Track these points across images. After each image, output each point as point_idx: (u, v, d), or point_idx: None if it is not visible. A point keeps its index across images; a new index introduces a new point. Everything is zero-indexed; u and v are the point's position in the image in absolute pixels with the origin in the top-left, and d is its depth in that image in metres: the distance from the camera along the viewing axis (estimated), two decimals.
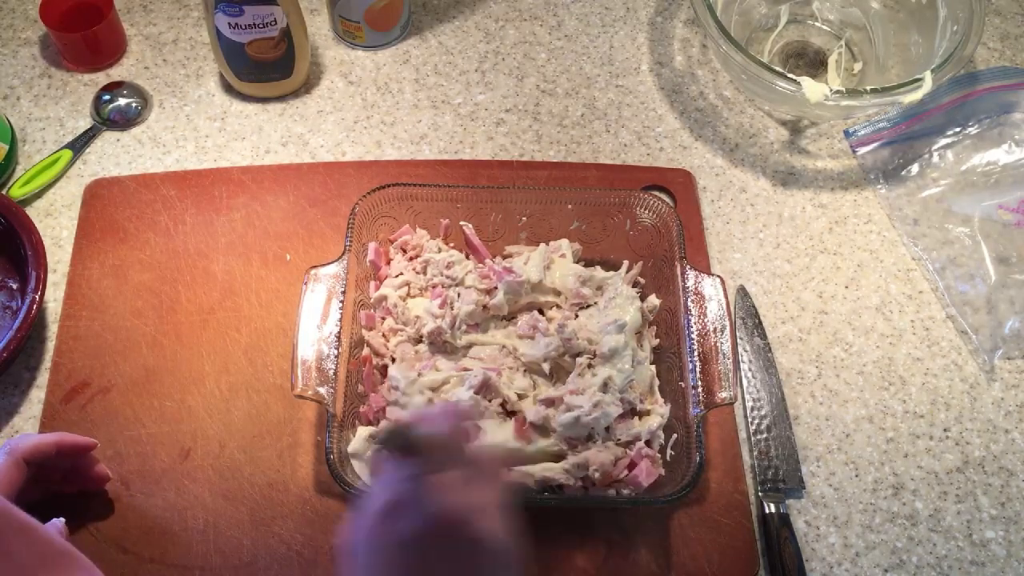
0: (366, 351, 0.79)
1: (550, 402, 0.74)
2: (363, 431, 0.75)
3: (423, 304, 0.80)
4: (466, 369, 0.76)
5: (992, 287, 0.89)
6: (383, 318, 0.81)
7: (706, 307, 0.77)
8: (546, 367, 0.76)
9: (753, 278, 0.90)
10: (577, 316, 0.80)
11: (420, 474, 0.51)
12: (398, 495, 0.51)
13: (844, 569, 0.77)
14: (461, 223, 0.84)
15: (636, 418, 0.76)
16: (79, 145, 0.95)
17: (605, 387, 0.74)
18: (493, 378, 0.75)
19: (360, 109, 0.99)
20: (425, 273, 0.82)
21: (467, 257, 0.84)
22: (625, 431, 0.74)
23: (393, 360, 0.78)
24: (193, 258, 0.88)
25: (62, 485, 0.74)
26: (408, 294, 0.81)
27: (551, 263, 0.82)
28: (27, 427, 0.80)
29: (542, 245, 0.83)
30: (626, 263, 0.84)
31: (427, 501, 0.51)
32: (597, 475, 0.72)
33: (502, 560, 0.53)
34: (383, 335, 0.80)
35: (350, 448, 0.73)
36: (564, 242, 0.84)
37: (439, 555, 0.50)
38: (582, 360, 0.76)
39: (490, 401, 0.75)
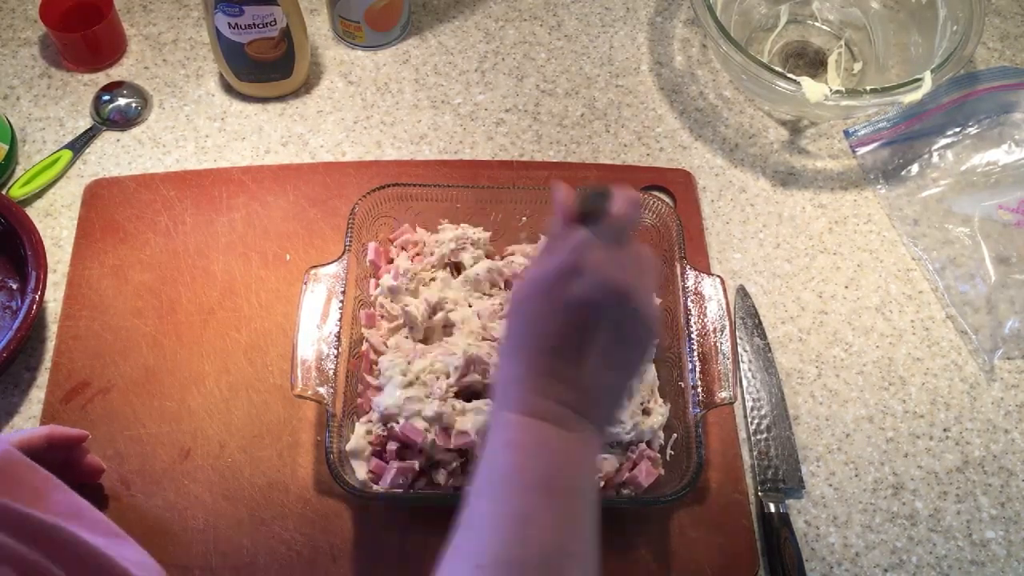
0: (365, 347, 0.79)
1: None
2: (360, 428, 0.75)
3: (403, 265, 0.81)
4: (451, 354, 0.77)
5: (992, 287, 0.89)
6: (382, 316, 0.81)
7: (706, 307, 0.77)
8: None
9: (753, 278, 0.90)
10: None
11: (599, 244, 0.55)
12: (576, 261, 0.54)
13: (844, 569, 0.77)
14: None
15: (642, 417, 0.76)
16: (79, 145, 0.95)
17: (629, 395, 0.74)
18: (476, 353, 0.74)
19: (360, 109, 0.99)
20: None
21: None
22: (633, 432, 0.74)
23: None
24: (193, 258, 0.88)
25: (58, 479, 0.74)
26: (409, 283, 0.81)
27: None
28: (27, 427, 0.80)
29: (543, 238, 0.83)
30: None
31: (603, 269, 0.54)
32: (601, 483, 0.72)
33: (650, 338, 0.58)
34: (383, 334, 0.80)
35: (349, 447, 0.73)
36: None
37: (602, 320, 0.54)
38: None
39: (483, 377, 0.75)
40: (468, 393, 0.76)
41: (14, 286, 0.85)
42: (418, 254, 0.83)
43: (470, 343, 0.78)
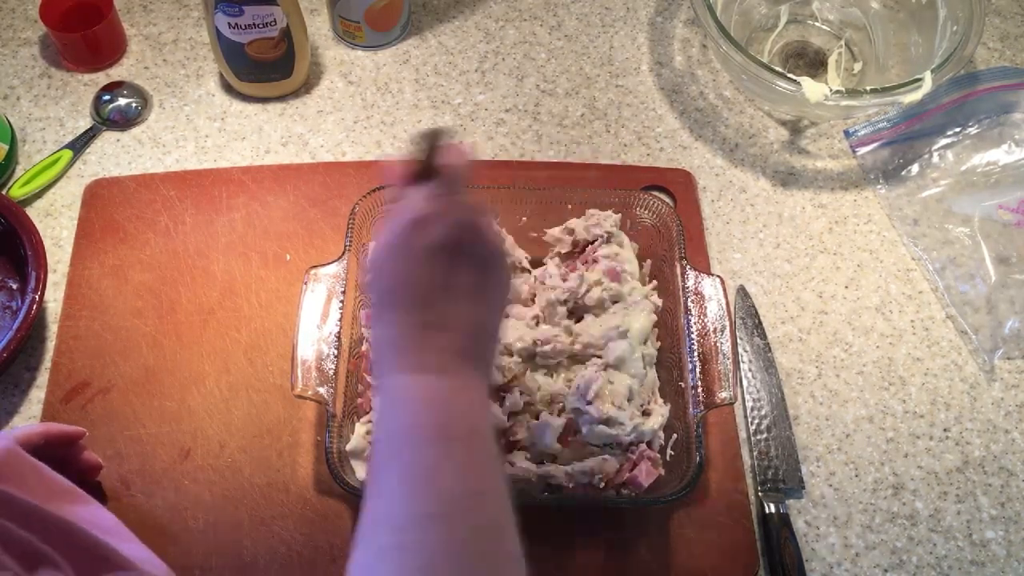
0: (365, 347, 0.79)
1: (606, 420, 0.73)
2: (360, 428, 0.75)
3: None
4: None
5: (992, 287, 0.89)
6: None
7: (706, 307, 0.77)
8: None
9: (753, 278, 0.90)
10: (582, 319, 0.80)
11: (442, 194, 0.57)
12: (425, 210, 0.56)
13: (844, 569, 0.77)
14: None
15: (642, 418, 0.76)
16: (79, 145, 0.95)
17: (630, 397, 0.74)
18: None
19: (360, 109, 0.99)
20: None
21: None
22: (634, 433, 0.74)
23: None
24: (193, 258, 0.88)
25: None
26: None
27: None
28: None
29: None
30: (647, 263, 0.84)
31: (452, 210, 0.56)
32: (601, 484, 0.72)
33: (506, 268, 0.60)
34: None
35: (349, 447, 0.73)
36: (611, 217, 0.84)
37: (459, 262, 0.56)
38: (594, 365, 0.76)
39: None
40: None
41: (14, 286, 0.85)
42: None
43: None
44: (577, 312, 0.80)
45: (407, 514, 0.50)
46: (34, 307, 0.80)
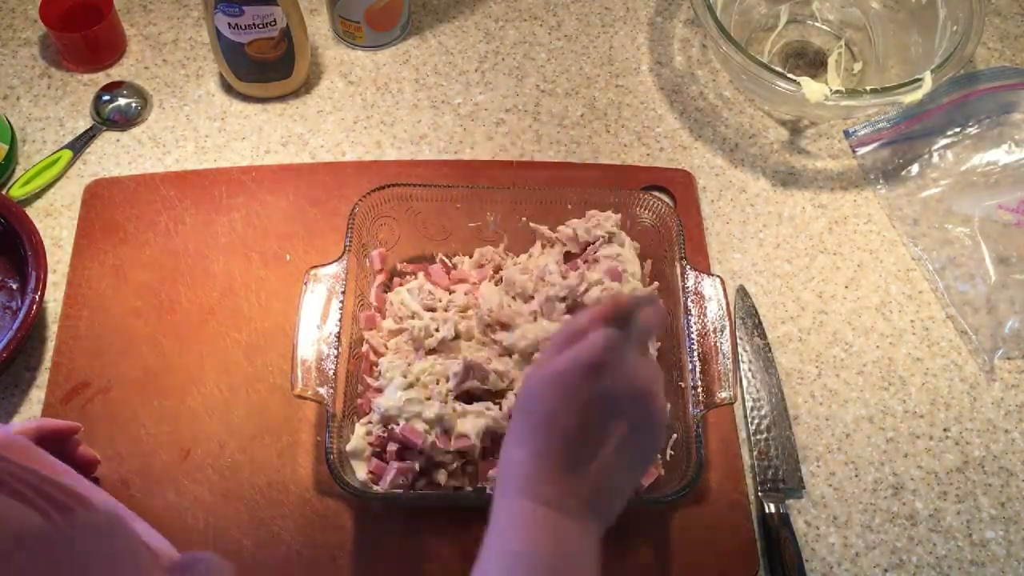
0: (365, 347, 0.79)
1: None
2: (360, 428, 0.75)
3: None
4: (451, 358, 0.77)
5: (992, 287, 0.89)
6: (380, 314, 0.81)
7: (706, 307, 0.77)
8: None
9: (753, 278, 0.90)
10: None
11: (624, 347, 0.56)
12: (607, 357, 0.55)
13: (844, 569, 0.77)
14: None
15: None
16: (79, 145, 0.95)
17: None
18: (475, 360, 0.74)
19: (360, 109, 0.99)
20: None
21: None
22: None
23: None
24: (193, 258, 0.88)
25: None
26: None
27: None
28: None
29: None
30: (648, 263, 0.84)
31: (629, 368, 0.56)
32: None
33: (660, 442, 0.61)
34: (384, 335, 0.80)
35: (349, 447, 0.73)
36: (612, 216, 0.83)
37: (618, 417, 0.56)
38: None
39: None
40: (467, 397, 0.76)
41: (14, 286, 0.85)
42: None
43: (469, 345, 0.78)
44: (575, 311, 0.80)
45: None
46: (34, 307, 0.80)
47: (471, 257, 0.85)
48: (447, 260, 0.86)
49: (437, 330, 0.78)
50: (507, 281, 0.81)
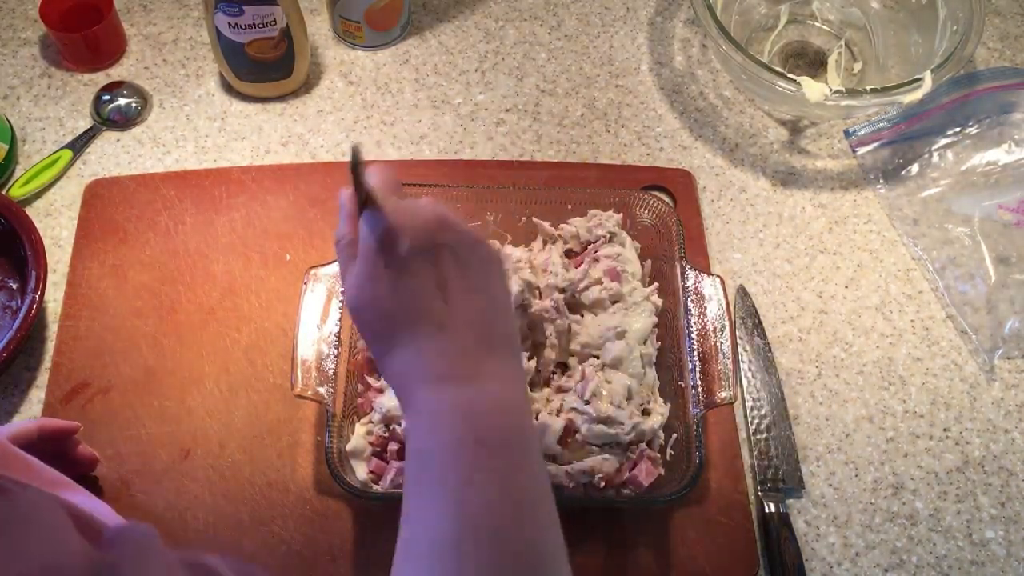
0: (363, 343, 0.79)
1: (605, 420, 0.73)
2: (360, 428, 0.75)
3: None
4: None
5: (992, 287, 0.89)
6: None
7: (706, 307, 0.77)
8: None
9: (753, 278, 0.90)
10: (583, 315, 0.80)
11: (388, 208, 0.55)
12: (384, 227, 0.54)
13: (844, 569, 0.77)
14: None
15: (643, 417, 0.76)
16: (79, 145, 0.95)
17: (628, 396, 0.74)
18: None
19: (360, 109, 0.99)
20: None
21: None
22: (634, 433, 0.74)
23: None
24: (193, 258, 0.88)
25: None
26: None
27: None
28: None
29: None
30: (648, 263, 0.84)
31: (406, 219, 0.54)
32: (602, 483, 0.72)
33: (487, 249, 0.57)
34: None
35: (349, 446, 0.73)
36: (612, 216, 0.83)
37: (438, 259, 0.54)
38: (591, 365, 0.76)
39: None
40: None
41: (14, 286, 0.85)
42: None
43: None
44: (574, 308, 0.80)
45: (435, 540, 0.48)
46: (34, 307, 0.80)
47: None
48: None
49: None
50: (504, 256, 0.81)
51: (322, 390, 0.73)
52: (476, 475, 0.50)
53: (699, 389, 0.74)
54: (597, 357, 0.76)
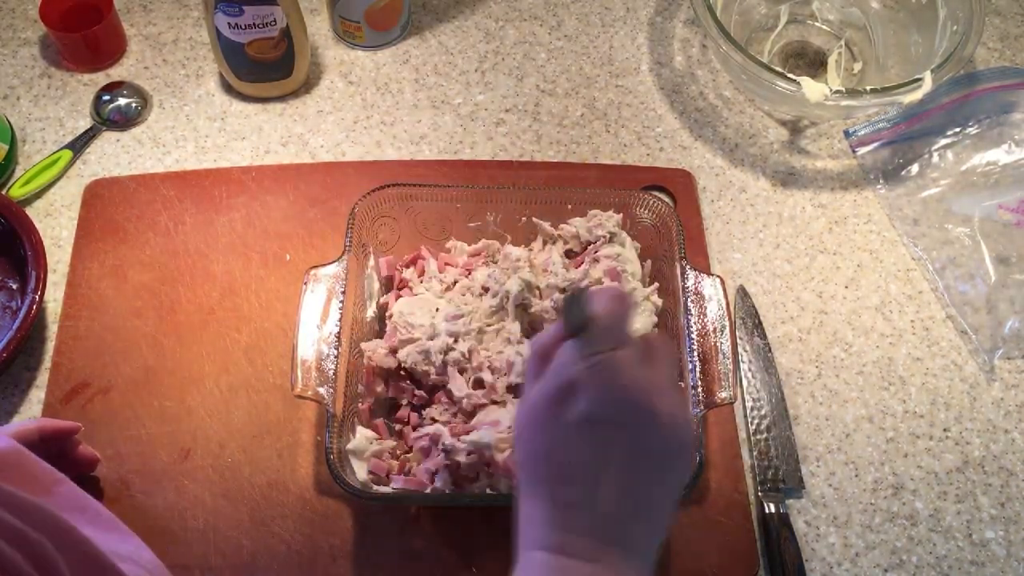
0: (366, 360, 0.79)
1: None
2: (363, 431, 0.75)
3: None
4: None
5: (992, 287, 0.89)
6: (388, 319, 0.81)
7: (706, 307, 0.77)
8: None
9: (753, 278, 0.90)
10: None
11: (593, 353, 0.50)
12: (571, 376, 0.50)
13: (844, 569, 0.77)
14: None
15: None
16: (79, 145, 0.95)
17: None
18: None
19: (360, 109, 0.99)
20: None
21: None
22: None
23: (404, 370, 0.78)
24: (193, 258, 0.88)
25: None
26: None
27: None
28: None
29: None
30: (648, 263, 0.84)
31: (598, 379, 0.50)
32: None
33: (679, 438, 0.52)
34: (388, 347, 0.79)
35: (350, 446, 0.73)
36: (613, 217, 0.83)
37: (611, 433, 0.50)
38: None
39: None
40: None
41: (14, 286, 0.85)
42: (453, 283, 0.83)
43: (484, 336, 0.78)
44: None
45: None
46: (34, 307, 0.80)
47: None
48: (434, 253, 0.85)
49: (456, 341, 0.77)
50: (504, 256, 0.81)
51: (322, 390, 0.73)
52: None
53: (699, 389, 0.74)
54: None
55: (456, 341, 0.76)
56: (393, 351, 0.78)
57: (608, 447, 0.50)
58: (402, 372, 0.78)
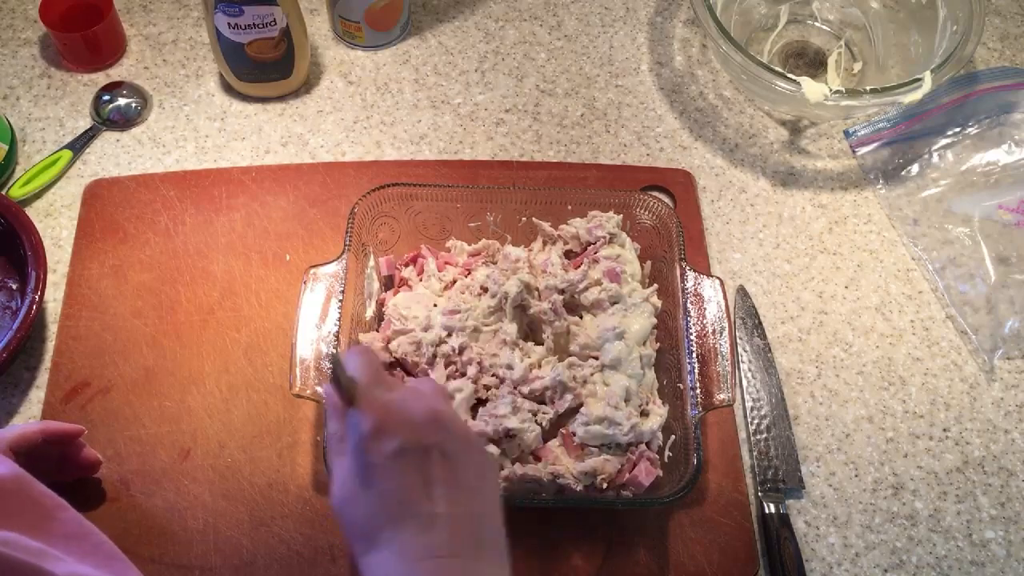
0: (362, 336, 0.79)
1: (601, 420, 0.73)
2: None
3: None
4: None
5: (992, 287, 0.89)
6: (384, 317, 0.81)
7: (705, 309, 0.77)
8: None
9: (753, 278, 0.90)
10: (582, 316, 0.80)
11: (374, 403, 0.55)
12: (371, 422, 0.54)
13: (844, 569, 0.77)
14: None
15: (641, 418, 0.76)
16: (79, 145, 0.95)
17: (627, 397, 0.74)
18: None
19: (360, 109, 0.99)
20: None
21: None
22: (633, 434, 0.74)
23: (395, 358, 0.78)
24: (193, 258, 0.88)
25: (56, 474, 0.74)
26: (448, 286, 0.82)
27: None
28: None
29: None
30: (648, 264, 0.84)
31: (393, 415, 0.55)
32: (604, 484, 0.72)
33: (479, 448, 0.59)
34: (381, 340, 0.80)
35: None
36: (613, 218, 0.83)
37: (427, 457, 0.54)
38: (590, 366, 0.76)
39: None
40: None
41: (14, 286, 0.85)
42: (452, 282, 0.83)
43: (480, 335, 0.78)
44: (573, 309, 0.80)
45: None
46: (34, 307, 0.80)
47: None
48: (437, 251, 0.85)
49: (450, 336, 0.77)
50: (503, 256, 0.81)
51: (320, 389, 0.73)
52: None
53: (698, 391, 0.74)
54: (596, 358, 0.76)
55: (449, 335, 0.76)
56: (388, 343, 0.78)
57: (427, 469, 0.54)
58: (394, 362, 0.78)
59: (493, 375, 0.76)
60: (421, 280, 0.83)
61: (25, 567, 0.50)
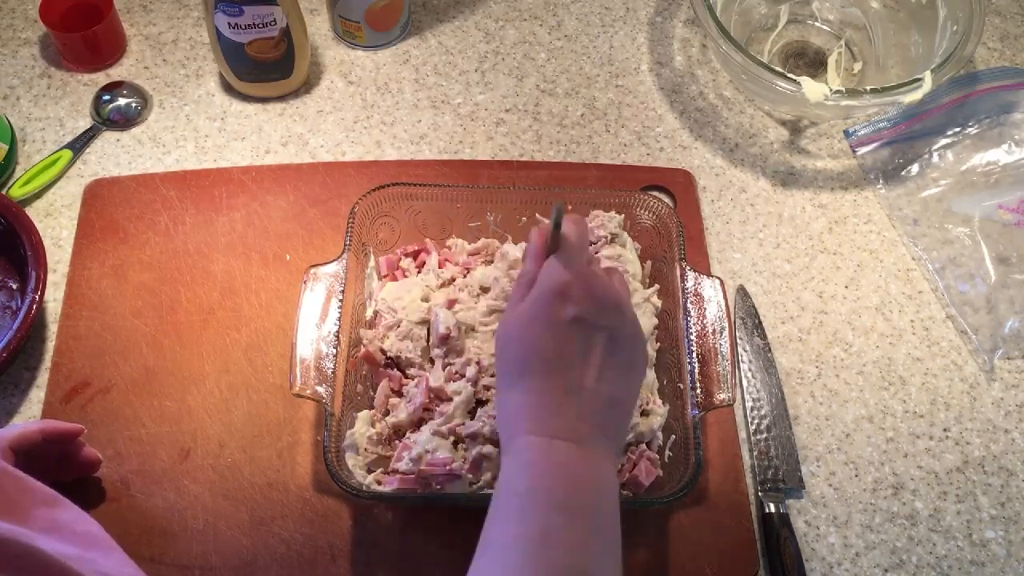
0: (365, 347, 0.79)
1: None
2: (364, 414, 0.74)
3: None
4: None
5: (992, 287, 0.89)
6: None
7: (705, 308, 0.77)
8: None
9: (753, 278, 0.90)
10: None
11: (575, 266, 0.60)
12: (562, 284, 0.58)
13: (844, 569, 0.77)
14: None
15: (641, 418, 0.76)
16: (79, 145, 0.95)
17: None
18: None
19: (360, 109, 0.99)
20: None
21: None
22: (632, 434, 0.74)
23: (390, 358, 0.78)
24: (193, 258, 0.88)
25: (56, 474, 0.74)
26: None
27: None
28: None
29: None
30: (648, 264, 0.84)
31: (588, 285, 0.59)
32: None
33: (641, 342, 0.63)
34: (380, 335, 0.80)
35: (347, 443, 0.73)
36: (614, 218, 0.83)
37: (596, 334, 0.59)
38: None
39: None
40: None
41: (14, 286, 0.85)
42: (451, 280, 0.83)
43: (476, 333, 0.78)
44: None
45: None
46: (34, 307, 0.80)
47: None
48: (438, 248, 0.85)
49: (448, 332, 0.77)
50: (501, 255, 0.81)
51: (320, 389, 0.73)
52: (559, 535, 0.53)
53: (698, 391, 0.74)
54: None
55: (448, 332, 0.76)
56: (382, 343, 0.78)
57: (592, 344, 0.58)
58: (389, 362, 0.78)
59: (492, 375, 0.75)
60: (419, 272, 0.83)
61: (8, 541, 0.51)
